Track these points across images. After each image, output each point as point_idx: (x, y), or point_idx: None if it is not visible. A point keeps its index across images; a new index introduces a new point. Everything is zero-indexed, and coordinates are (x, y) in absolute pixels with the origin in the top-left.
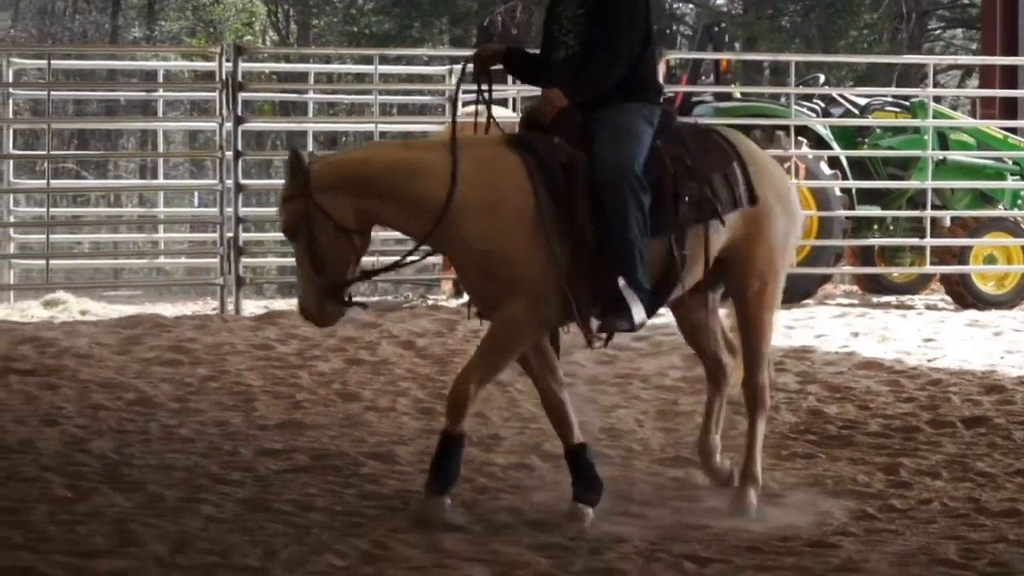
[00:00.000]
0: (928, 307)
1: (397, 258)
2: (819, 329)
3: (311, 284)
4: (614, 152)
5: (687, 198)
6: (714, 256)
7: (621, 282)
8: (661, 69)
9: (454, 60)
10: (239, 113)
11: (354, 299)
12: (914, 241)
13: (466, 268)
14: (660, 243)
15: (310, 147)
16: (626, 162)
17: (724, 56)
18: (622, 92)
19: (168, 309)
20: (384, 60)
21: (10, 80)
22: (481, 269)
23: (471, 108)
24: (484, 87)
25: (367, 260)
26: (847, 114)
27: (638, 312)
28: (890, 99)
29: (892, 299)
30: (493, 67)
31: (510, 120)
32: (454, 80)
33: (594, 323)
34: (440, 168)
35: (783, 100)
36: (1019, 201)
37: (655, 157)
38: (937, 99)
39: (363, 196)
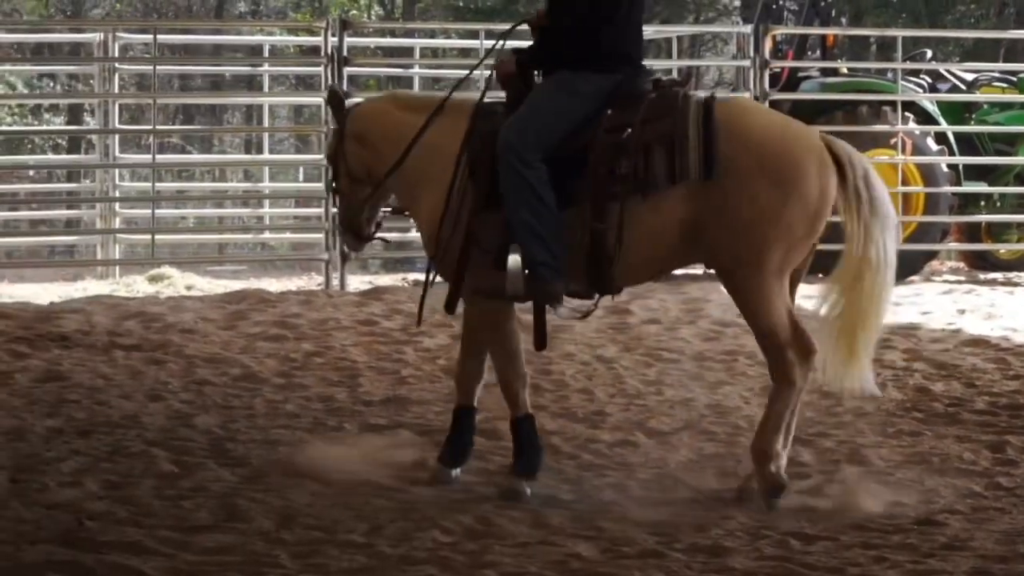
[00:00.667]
0: None
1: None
2: (925, 306)
3: (340, 210)
4: (506, 127)
5: (612, 171)
6: (674, 231)
7: (512, 251)
8: (767, 44)
9: None
10: (344, 88)
11: (376, 235)
12: (1021, 218)
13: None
14: (578, 216)
15: None
16: (511, 138)
17: (830, 31)
18: (570, 61)
19: (273, 284)
20: (490, 35)
21: (116, 55)
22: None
23: None
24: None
25: None
26: (954, 89)
27: (532, 285)
28: (997, 74)
29: (999, 276)
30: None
31: None
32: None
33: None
34: (410, 132)
35: (890, 75)
36: None
37: (588, 127)
38: None
39: (365, 148)
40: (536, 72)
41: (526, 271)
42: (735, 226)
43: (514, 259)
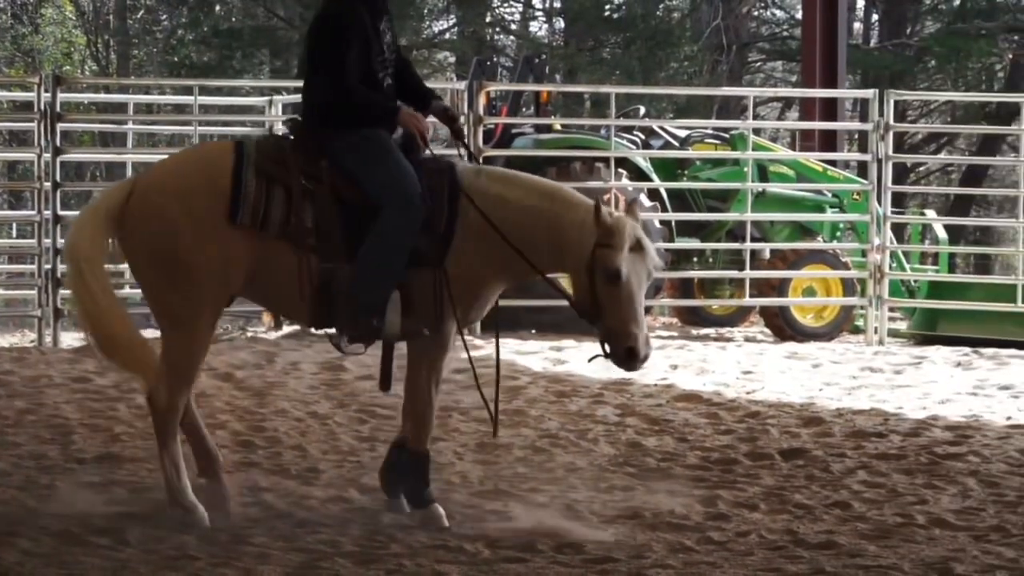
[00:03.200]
0: (747, 339)
1: None
2: None
3: None
4: None
5: None
6: None
7: None
8: (481, 100)
9: (274, 91)
10: (58, 144)
11: None
12: (733, 273)
13: None
14: None
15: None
16: None
17: (545, 87)
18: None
19: None
20: (204, 91)
21: None
22: None
23: None
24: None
25: None
26: (667, 146)
27: None
28: (710, 131)
29: (712, 331)
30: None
31: None
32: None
33: None
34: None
35: (603, 132)
36: (838, 233)
37: None
38: (757, 131)
39: None
40: None
41: None
42: None
43: None
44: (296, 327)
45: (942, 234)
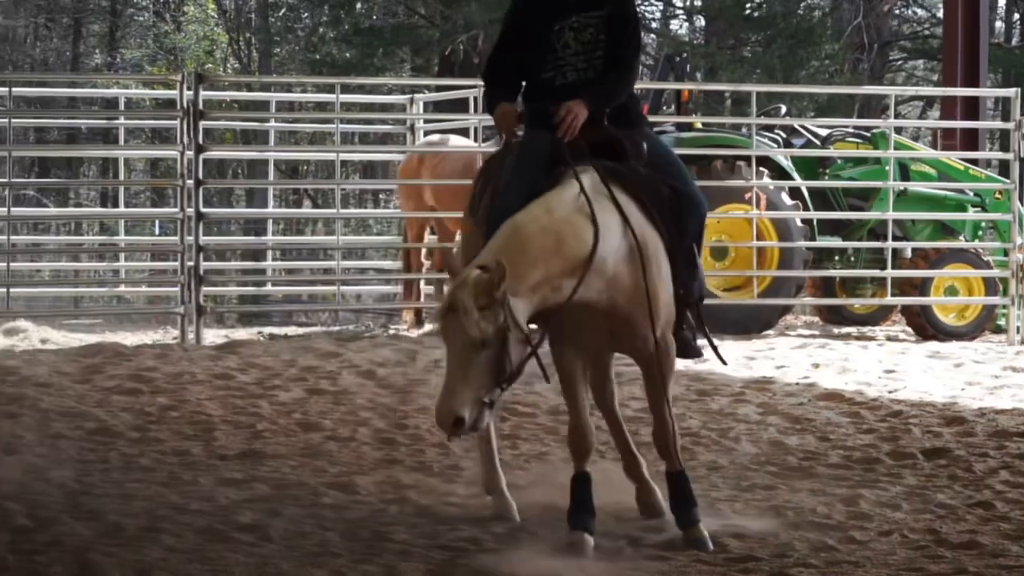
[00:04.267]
0: (889, 338)
1: None
2: (780, 360)
3: None
4: (692, 183)
5: None
6: None
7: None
8: None
9: (415, 89)
10: (200, 141)
11: None
12: (875, 272)
13: None
14: None
15: (271, 176)
16: (702, 196)
17: (686, 86)
18: (632, 118)
19: (128, 338)
20: (346, 89)
21: None
22: None
23: (433, 137)
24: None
25: None
26: (808, 145)
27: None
28: (851, 130)
29: (853, 330)
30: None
31: (471, 149)
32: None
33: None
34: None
35: (744, 130)
36: (980, 232)
37: None
38: (898, 130)
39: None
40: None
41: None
42: None
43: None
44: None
45: None
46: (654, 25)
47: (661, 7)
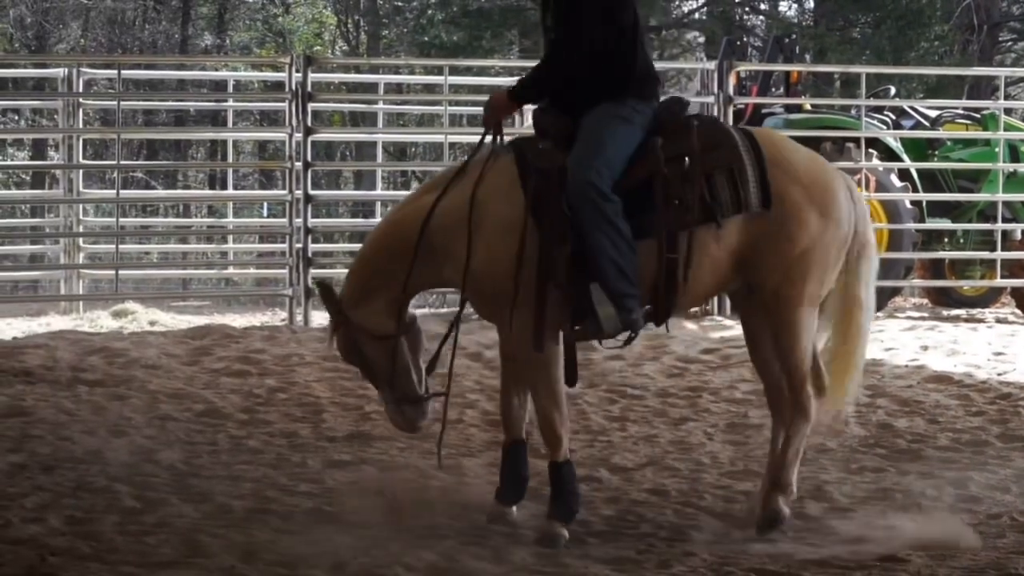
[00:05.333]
0: (998, 320)
1: None
2: (889, 342)
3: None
4: (576, 162)
5: (678, 200)
6: (728, 259)
7: (595, 289)
8: (731, 80)
9: (523, 71)
10: (308, 124)
11: None
12: (985, 254)
13: None
14: (649, 246)
15: (379, 158)
16: (584, 173)
17: (794, 67)
18: (607, 90)
19: (236, 320)
20: (454, 71)
21: (80, 90)
22: None
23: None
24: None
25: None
26: (918, 126)
27: (620, 317)
28: (961, 111)
29: (962, 312)
30: (505, 117)
31: None
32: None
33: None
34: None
35: (853, 112)
36: None
37: (647, 156)
38: (1008, 111)
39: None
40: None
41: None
42: (785, 255)
43: (599, 296)
44: None
45: None
46: (763, 6)
47: None
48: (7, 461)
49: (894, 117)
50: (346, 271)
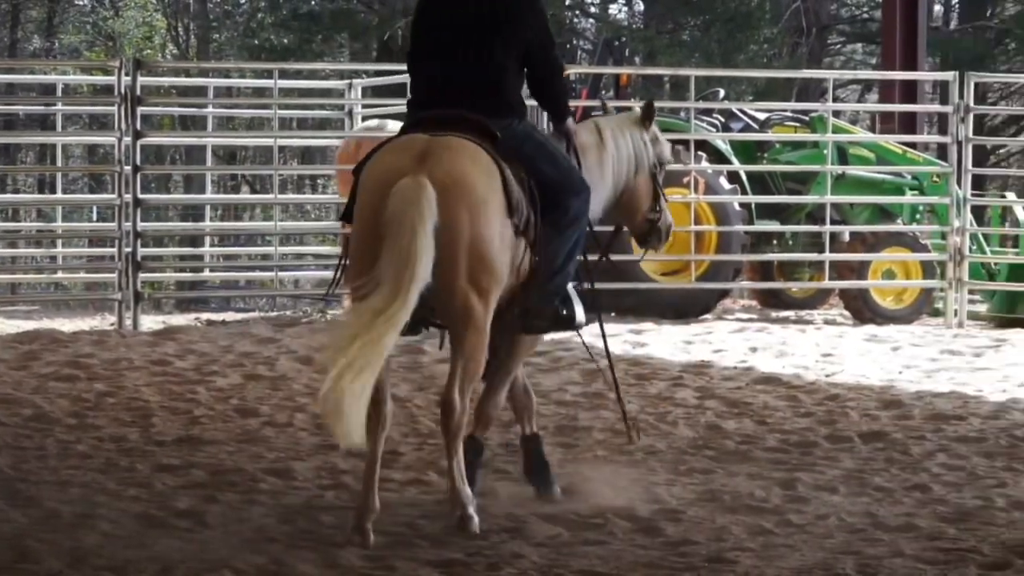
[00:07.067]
0: (827, 322)
1: None
2: (717, 344)
3: None
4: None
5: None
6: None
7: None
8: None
9: (354, 74)
10: (138, 127)
11: None
12: (813, 256)
13: None
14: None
15: (209, 162)
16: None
17: (624, 70)
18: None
19: (66, 324)
20: (284, 74)
21: None
22: None
23: (371, 123)
24: None
25: None
26: (747, 128)
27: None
28: (790, 114)
29: (791, 314)
30: None
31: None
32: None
33: None
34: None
35: (683, 114)
36: (917, 216)
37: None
38: (836, 114)
39: None
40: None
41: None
42: None
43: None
44: None
45: (1023, 216)
46: (593, 9)
47: None
48: None
49: (723, 120)
50: (175, 274)
